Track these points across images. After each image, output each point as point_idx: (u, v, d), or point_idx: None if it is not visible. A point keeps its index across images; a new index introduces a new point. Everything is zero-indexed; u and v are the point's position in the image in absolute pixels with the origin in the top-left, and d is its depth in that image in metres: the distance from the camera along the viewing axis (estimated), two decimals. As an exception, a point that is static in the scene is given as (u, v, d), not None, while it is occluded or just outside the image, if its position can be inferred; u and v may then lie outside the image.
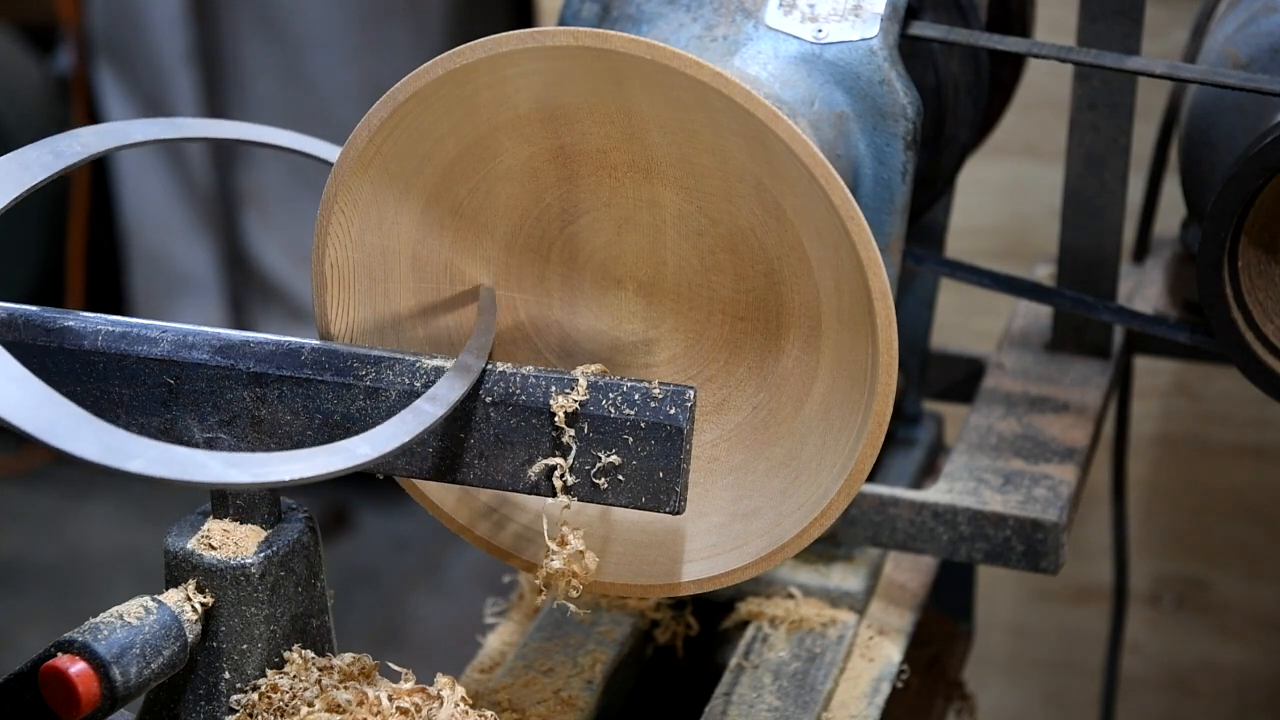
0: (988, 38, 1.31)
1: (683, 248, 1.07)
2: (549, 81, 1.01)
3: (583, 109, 1.03)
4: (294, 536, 1.05)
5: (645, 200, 1.06)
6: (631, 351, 1.10)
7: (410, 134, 1.03)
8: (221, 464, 0.86)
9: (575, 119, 1.03)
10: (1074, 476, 1.34)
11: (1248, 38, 1.38)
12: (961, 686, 1.58)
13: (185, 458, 0.84)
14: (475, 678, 1.28)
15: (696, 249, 1.07)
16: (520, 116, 1.03)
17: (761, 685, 1.23)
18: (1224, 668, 2.45)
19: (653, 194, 1.06)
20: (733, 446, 1.10)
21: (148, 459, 0.82)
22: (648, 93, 1.00)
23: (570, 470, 0.99)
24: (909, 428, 1.54)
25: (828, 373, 1.06)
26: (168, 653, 0.99)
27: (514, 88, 1.01)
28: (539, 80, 1.01)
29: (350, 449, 0.92)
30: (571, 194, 1.07)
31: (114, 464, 0.81)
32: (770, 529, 1.06)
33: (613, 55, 0.97)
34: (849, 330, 1.03)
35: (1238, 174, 1.22)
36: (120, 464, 0.81)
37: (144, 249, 3.73)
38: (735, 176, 1.03)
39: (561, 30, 0.97)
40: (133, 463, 0.82)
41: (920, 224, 1.47)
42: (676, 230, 1.06)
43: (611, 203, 1.07)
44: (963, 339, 1.78)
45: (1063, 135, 1.45)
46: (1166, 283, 1.64)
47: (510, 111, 1.03)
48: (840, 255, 1.00)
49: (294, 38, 3.47)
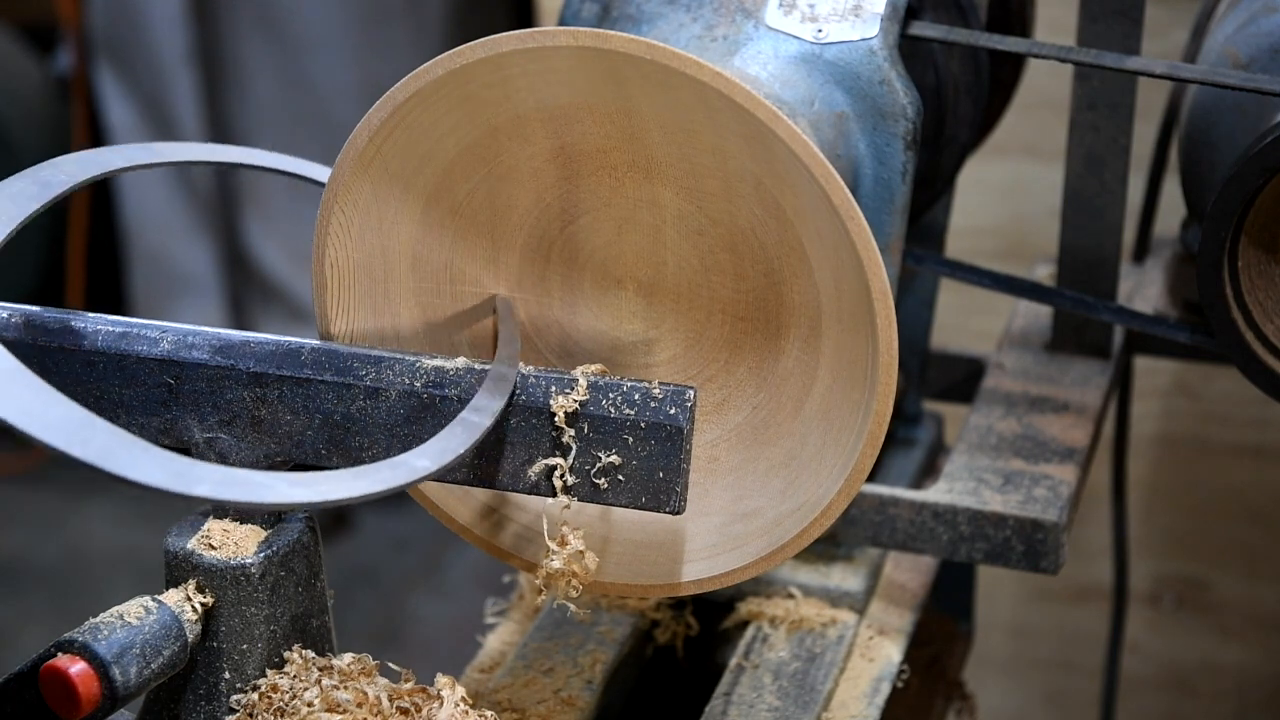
0: (988, 38, 1.31)
1: (683, 248, 1.07)
2: (549, 82, 1.01)
3: (583, 109, 1.03)
4: (294, 536, 1.05)
5: (645, 200, 1.06)
6: (632, 351, 1.10)
7: (410, 134, 1.03)
8: (287, 484, 0.86)
9: (575, 119, 1.03)
10: (1074, 476, 1.34)
11: (1248, 38, 1.38)
12: (961, 686, 1.58)
13: (248, 479, 0.85)
14: (475, 678, 1.28)
15: (696, 249, 1.07)
16: (520, 116, 1.03)
17: (761, 685, 1.23)
18: (1224, 668, 2.45)
19: (653, 194, 1.06)
20: (733, 446, 1.10)
21: (213, 482, 0.83)
22: (647, 93, 1.00)
23: (570, 470, 1.00)
24: (909, 428, 1.54)
25: (827, 372, 1.06)
26: (168, 653, 0.99)
27: (514, 88, 1.01)
28: (539, 81, 1.01)
29: (410, 464, 0.92)
30: (572, 194, 1.07)
31: (180, 489, 0.81)
32: (770, 529, 1.06)
33: (612, 55, 0.97)
34: (849, 330, 1.03)
35: (1238, 174, 1.22)
36: (187, 489, 0.82)
37: (144, 249, 3.72)
38: (735, 176, 1.03)
39: (561, 30, 0.97)
40: (199, 487, 0.83)
41: (920, 224, 1.47)
42: (676, 230, 1.06)
43: (611, 203, 1.07)
44: (963, 339, 1.78)
45: (1063, 135, 1.45)
46: (1166, 283, 1.64)
47: (510, 112, 1.03)
48: (840, 255, 1.00)
49: (294, 38, 3.47)
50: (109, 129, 3.65)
